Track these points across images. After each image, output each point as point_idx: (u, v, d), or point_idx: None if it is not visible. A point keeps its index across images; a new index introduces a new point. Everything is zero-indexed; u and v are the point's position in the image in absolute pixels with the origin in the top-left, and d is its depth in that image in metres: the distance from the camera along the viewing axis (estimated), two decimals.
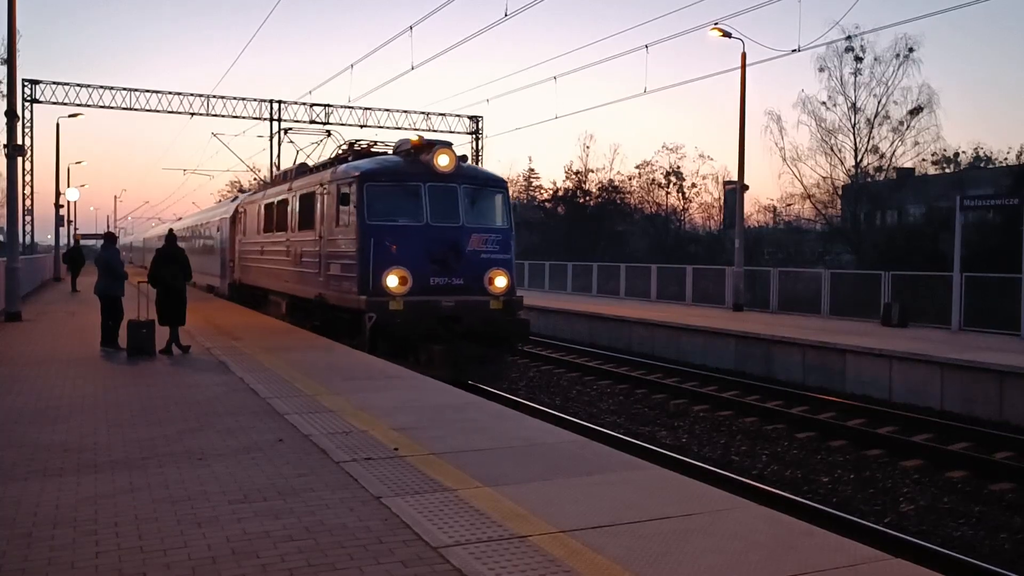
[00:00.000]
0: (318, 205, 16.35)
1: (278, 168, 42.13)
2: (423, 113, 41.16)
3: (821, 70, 42.03)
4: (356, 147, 17.69)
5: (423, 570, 4.21)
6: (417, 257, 14.25)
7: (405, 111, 41.17)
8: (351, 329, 14.56)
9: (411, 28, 24.07)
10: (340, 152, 18.19)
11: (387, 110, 40.89)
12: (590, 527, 4.80)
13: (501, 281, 14.81)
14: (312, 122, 40.57)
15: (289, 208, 18.87)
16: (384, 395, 9.07)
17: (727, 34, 24.82)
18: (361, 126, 40.30)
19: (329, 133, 23.10)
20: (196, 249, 34.73)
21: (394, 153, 16.25)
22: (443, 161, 14.69)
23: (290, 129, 23.67)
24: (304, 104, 40.21)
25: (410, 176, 14.81)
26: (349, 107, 40.01)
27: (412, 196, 14.62)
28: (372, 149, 17.28)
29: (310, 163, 21.41)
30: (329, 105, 40.07)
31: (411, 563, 4.30)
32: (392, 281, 14.01)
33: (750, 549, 4.49)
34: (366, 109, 40.48)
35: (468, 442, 6.88)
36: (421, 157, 14.99)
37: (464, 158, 15.53)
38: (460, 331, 14.05)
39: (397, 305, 13.79)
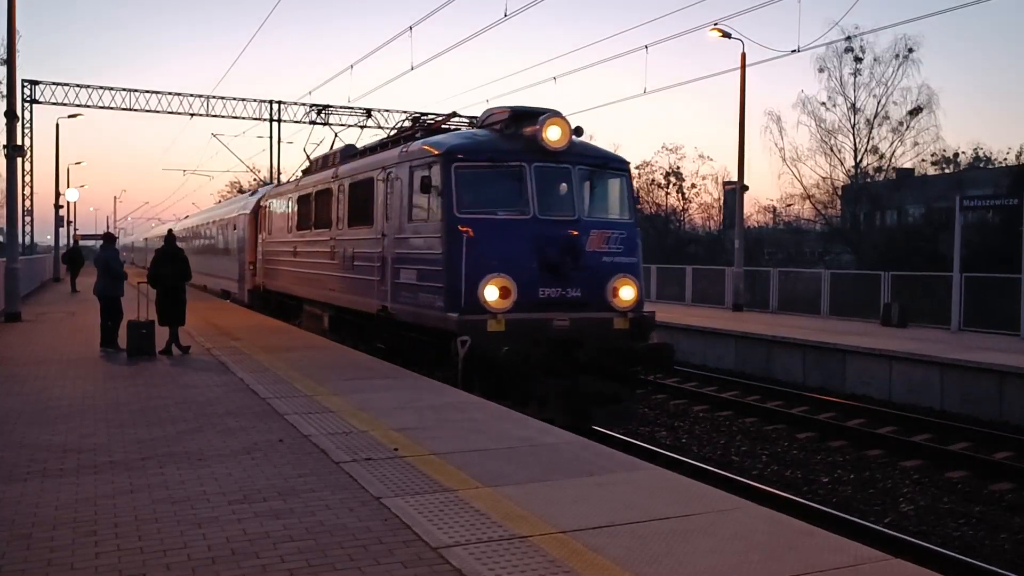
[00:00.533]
0: (379, 194, 13.09)
1: (278, 169, 42.20)
2: (423, 114, 41.11)
3: (821, 70, 42.09)
4: (424, 122, 14.70)
5: (423, 571, 4.21)
6: (522, 261, 10.80)
7: (405, 111, 41.15)
8: (434, 355, 11.32)
9: (411, 28, 24.07)
10: (400, 130, 15.24)
11: (387, 110, 40.85)
12: (590, 527, 4.80)
13: (628, 292, 11.26)
14: (312, 123, 40.61)
15: (334, 200, 15.60)
16: (384, 395, 9.07)
17: (727, 34, 24.83)
18: (361, 127, 40.26)
19: (369, 114, 20.77)
20: (207, 250, 32.79)
21: (481, 126, 12.77)
22: (553, 134, 11.14)
23: (327, 108, 20.36)
24: (304, 104, 40.19)
25: (510, 154, 11.28)
26: (349, 107, 39.97)
27: (514, 180, 11.20)
28: (445, 125, 14.14)
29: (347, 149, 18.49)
30: (329, 106, 40.01)
31: (411, 564, 4.29)
32: (491, 293, 10.54)
33: (750, 549, 4.49)
34: (366, 109, 40.48)
35: (468, 442, 6.87)
36: (523, 129, 11.53)
37: (578, 130, 11.69)
38: (581, 360, 10.65)
39: (498, 325, 10.42)
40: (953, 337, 18.19)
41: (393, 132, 15.07)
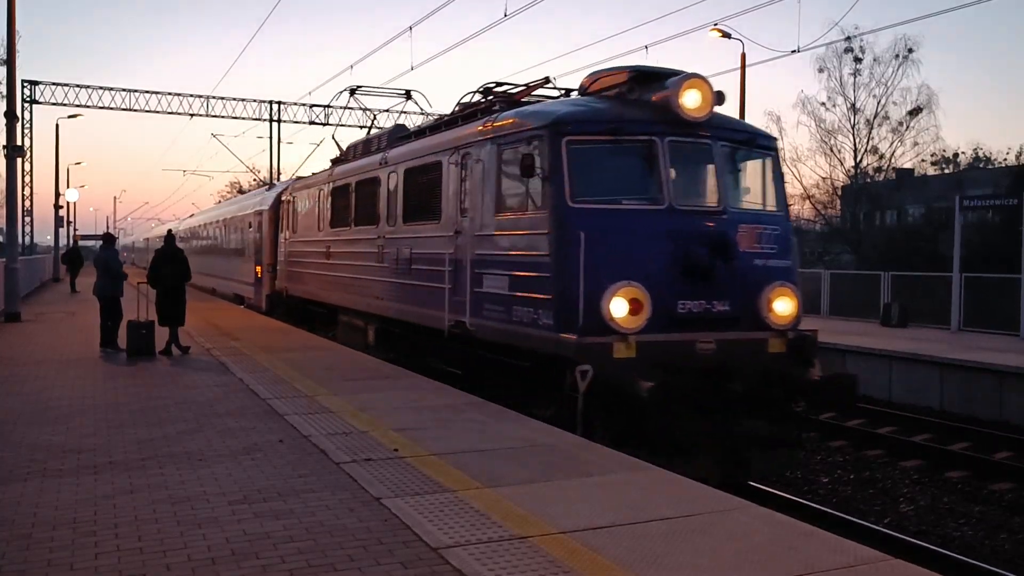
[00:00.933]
0: (450, 181, 10.71)
1: (278, 169, 42.19)
2: (423, 114, 41.15)
3: (821, 71, 42.00)
4: (505, 92, 11.45)
5: (423, 571, 4.21)
6: (657, 265, 8.37)
7: (405, 112, 41.15)
8: (533, 387, 8.97)
9: (411, 28, 24.06)
10: (464, 106, 11.99)
11: (387, 111, 40.87)
12: (590, 528, 4.79)
13: (786, 305, 8.82)
14: (312, 123, 40.66)
15: (382, 190, 13.20)
16: (384, 396, 9.06)
17: (727, 35, 24.83)
18: (361, 127, 40.29)
19: (409, 95, 17.57)
20: (216, 250, 30.86)
21: (584, 94, 10.20)
22: (692, 100, 8.70)
23: (359, 88, 17.58)
24: (304, 105, 40.23)
25: (638, 125, 8.78)
26: (349, 108, 40.00)
27: (642, 159, 8.77)
28: (533, 95, 11.24)
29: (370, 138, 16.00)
30: (329, 106, 40.08)
31: (411, 564, 4.29)
32: (619, 308, 8.05)
33: (750, 550, 4.49)
34: (366, 110, 40.46)
35: (468, 443, 6.87)
36: (651, 96, 9.06)
37: (720, 96, 9.14)
38: (736, 393, 8.24)
39: (627, 350, 8.03)
40: (953, 337, 18.19)
41: (457, 108, 12.14)
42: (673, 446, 7.93)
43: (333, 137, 20.17)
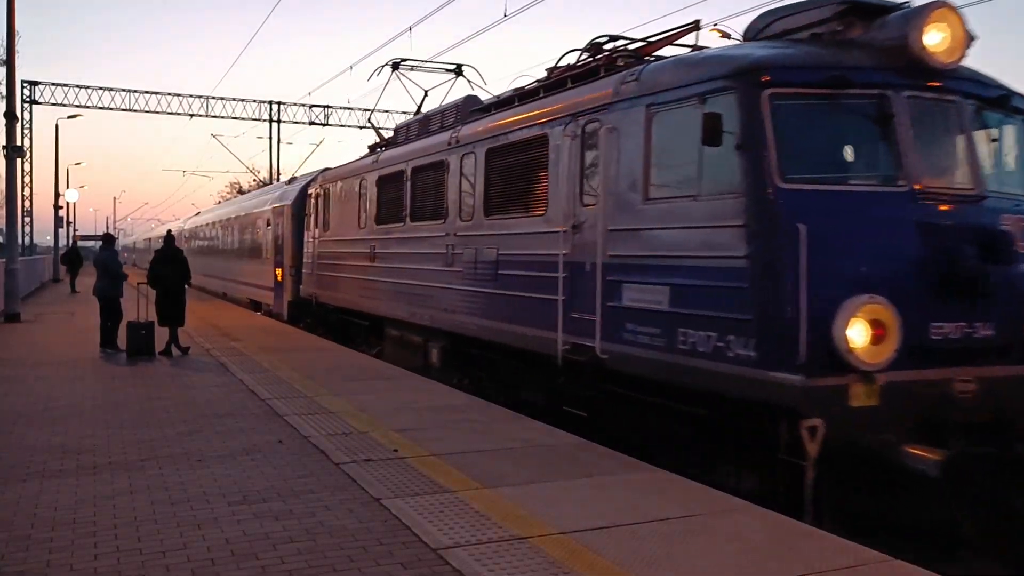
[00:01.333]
0: (562, 160, 8.34)
1: (278, 169, 42.18)
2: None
3: None
4: (621, 48, 9.15)
5: (423, 572, 4.20)
6: (902, 271, 6.00)
7: (405, 112, 41.19)
8: (724, 445, 6.53)
9: (410, 28, 24.05)
10: (570, 67, 9.61)
11: (387, 111, 40.92)
12: (590, 528, 4.79)
13: None
14: (312, 123, 40.70)
15: (452, 177, 10.74)
16: (384, 396, 9.06)
17: (727, 35, 24.81)
18: (361, 127, 40.35)
19: (460, 70, 15.16)
20: (227, 251, 28.86)
21: (759, 39, 7.42)
22: (937, 40, 6.29)
23: (404, 61, 15.16)
24: (303, 105, 40.27)
25: (863, 74, 6.29)
26: (348, 108, 40.06)
27: (872, 122, 6.33)
28: (672, 44, 9.03)
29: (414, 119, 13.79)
30: (328, 106, 40.14)
31: (411, 565, 4.29)
32: (858, 334, 5.70)
33: (750, 551, 4.48)
34: (365, 110, 40.52)
35: (468, 443, 6.87)
36: (869, 34, 6.61)
37: (971, 36, 6.45)
38: (1008, 455, 5.81)
39: (868, 395, 5.73)
40: None
41: (555, 72, 9.78)
42: (958, 540, 5.65)
43: (369, 121, 16.23)
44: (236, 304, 25.13)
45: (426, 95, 15.61)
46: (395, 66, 15.34)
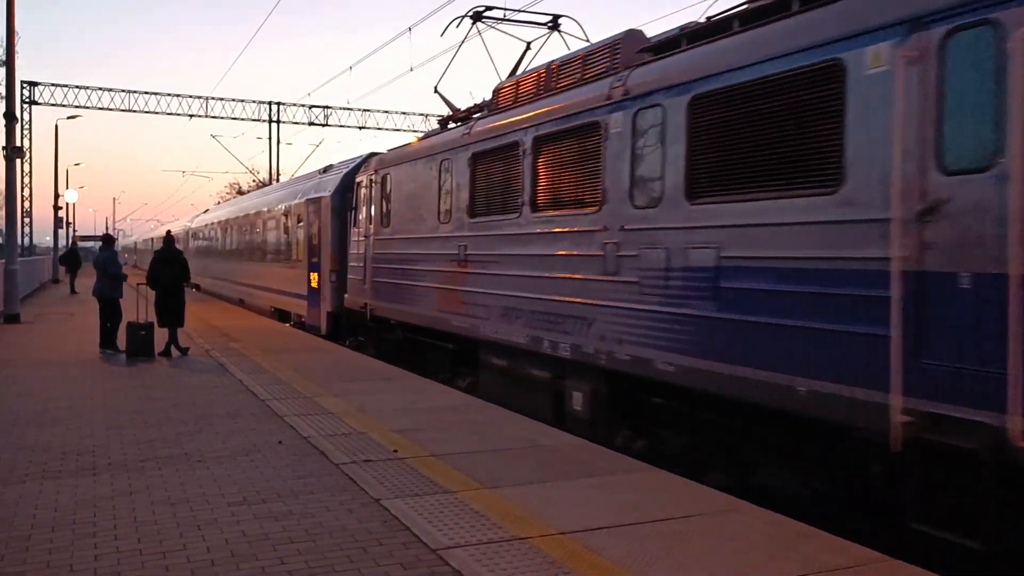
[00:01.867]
0: (882, 99, 5.14)
1: (278, 169, 42.17)
2: (423, 115, 41.24)
3: None
4: None
5: (423, 572, 4.20)
6: None
7: (404, 113, 41.28)
8: None
9: (410, 29, 24.01)
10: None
11: (386, 112, 41.00)
12: (590, 529, 4.79)
13: None
14: (311, 123, 40.73)
15: (609, 144, 7.83)
16: (384, 397, 9.06)
17: None
18: (360, 127, 40.40)
19: (557, 24, 12.63)
20: (247, 253, 25.35)
21: None
22: None
23: (488, 10, 12.70)
24: (303, 106, 40.30)
25: None
26: (348, 109, 40.10)
27: None
28: None
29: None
30: (328, 107, 40.17)
31: (411, 565, 4.29)
32: None
33: (750, 551, 4.48)
34: (365, 111, 40.57)
35: (468, 444, 6.87)
36: None
37: None
38: None
39: None
40: None
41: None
42: None
43: (436, 89, 13.50)
44: (257, 313, 22.03)
45: (528, 47, 12.92)
46: (476, 17, 12.74)
